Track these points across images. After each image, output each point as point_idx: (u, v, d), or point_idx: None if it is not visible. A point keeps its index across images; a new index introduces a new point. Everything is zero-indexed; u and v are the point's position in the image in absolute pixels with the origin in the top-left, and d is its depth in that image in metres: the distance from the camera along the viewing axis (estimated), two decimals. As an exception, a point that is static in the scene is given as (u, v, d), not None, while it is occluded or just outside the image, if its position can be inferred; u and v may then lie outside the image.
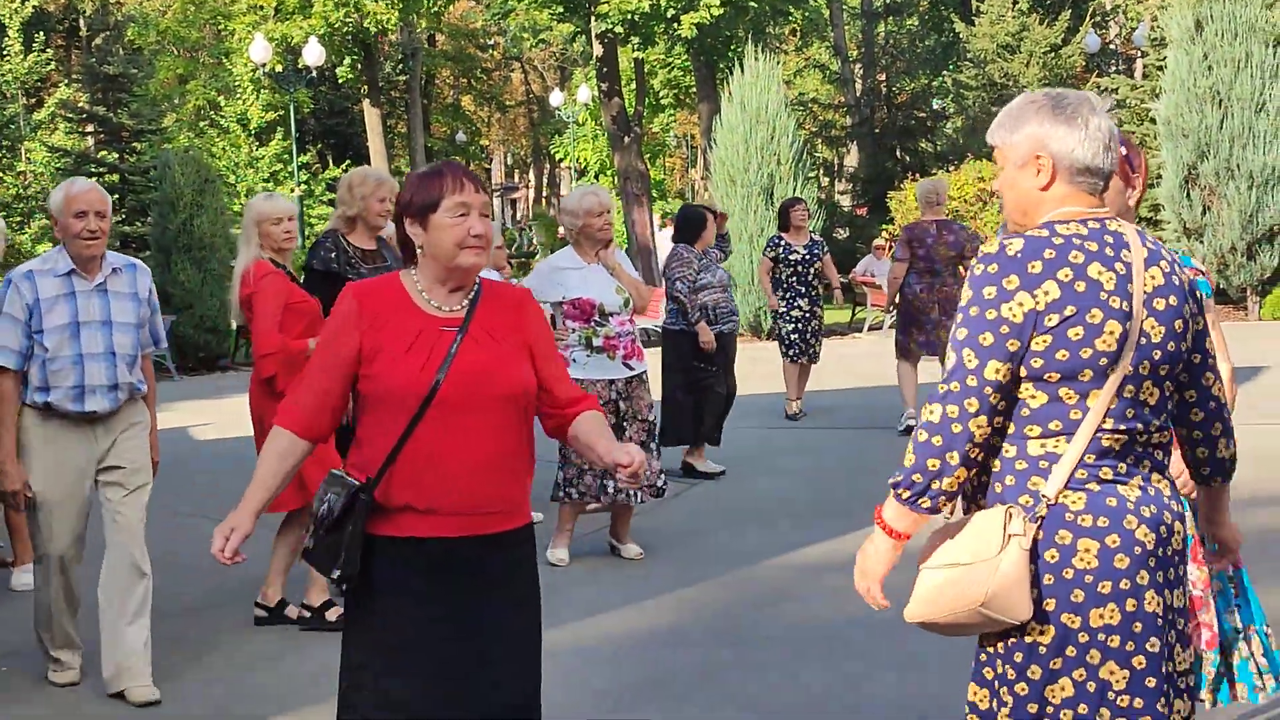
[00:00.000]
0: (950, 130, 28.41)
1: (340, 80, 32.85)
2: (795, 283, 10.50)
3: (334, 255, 5.78)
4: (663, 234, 27.53)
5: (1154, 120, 18.98)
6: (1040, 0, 27.54)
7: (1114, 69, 28.09)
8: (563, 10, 24.08)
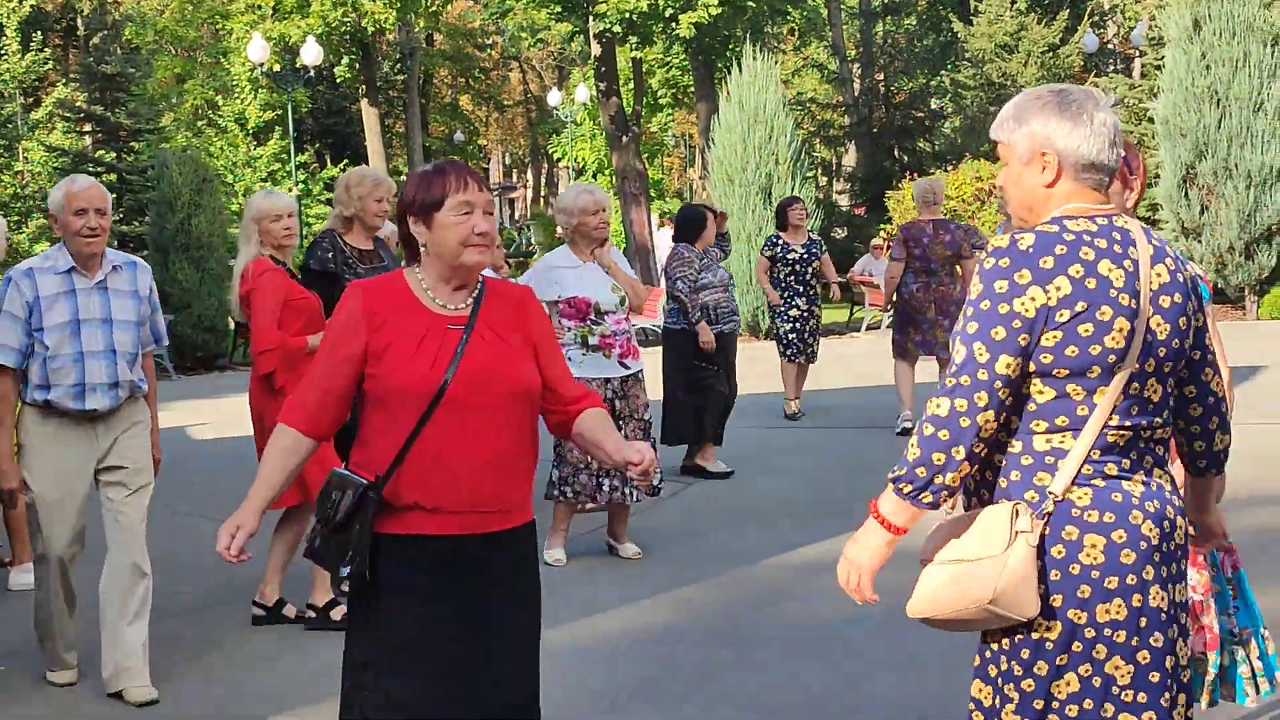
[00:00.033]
0: (948, 130, 28.41)
1: (338, 80, 32.86)
2: (793, 282, 10.48)
3: (331, 256, 5.78)
4: (661, 233, 27.55)
5: (1152, 120, 18.98)
6: (1038, 0, 27.55)
7: (1112, 68, 28.10)
8: (560, 9, 24.07)
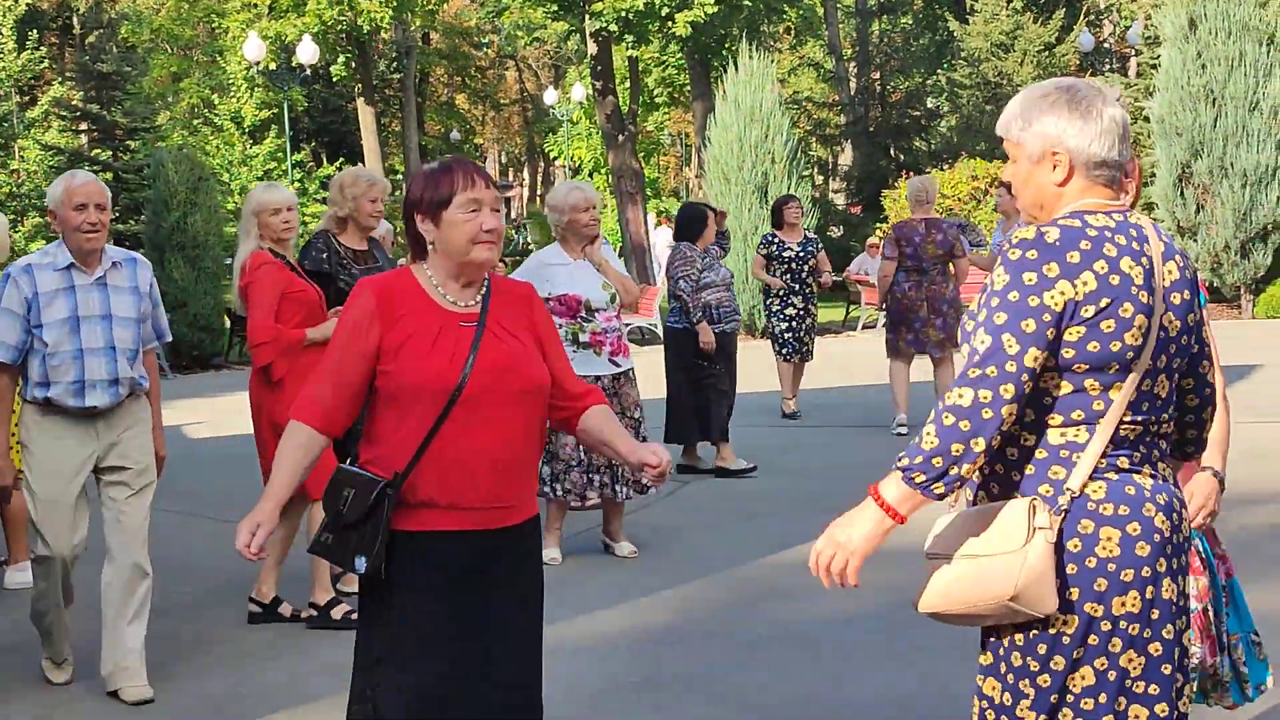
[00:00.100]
0: (944, 129, 28.46)
1: (334, 78, 32.87)
2: (789, 280, 10.46)
3: (325, 256, 5.78)
4: (657, 232, 27.56)
5: (1148, 119, 19.01)
6: (1034, -1, 27.62)
7: (1108, 68, 28.14)
8: (557, 8, 24.07)
